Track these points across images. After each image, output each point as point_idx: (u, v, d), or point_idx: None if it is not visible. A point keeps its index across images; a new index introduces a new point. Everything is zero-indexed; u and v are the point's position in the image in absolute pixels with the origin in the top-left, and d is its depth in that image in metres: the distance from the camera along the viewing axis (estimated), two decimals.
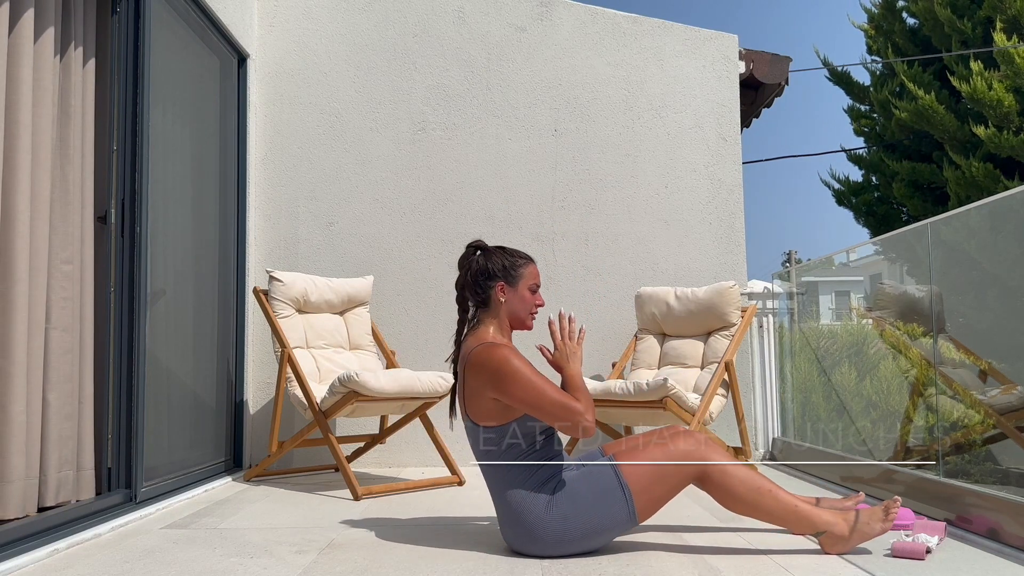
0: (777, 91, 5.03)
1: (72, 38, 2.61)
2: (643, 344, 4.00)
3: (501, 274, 2.32)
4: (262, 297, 3.67)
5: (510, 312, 2.32)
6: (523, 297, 2.33)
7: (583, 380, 2.26)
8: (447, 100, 4.35)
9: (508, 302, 2.31)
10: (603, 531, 2.17)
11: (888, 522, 2.19)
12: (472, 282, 2.33)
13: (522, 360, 2.19)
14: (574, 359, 2.28)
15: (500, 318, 2.32)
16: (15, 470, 2.27)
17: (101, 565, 2.14)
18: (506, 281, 2.32)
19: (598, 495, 2.16)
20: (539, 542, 2.16)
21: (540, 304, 2.37)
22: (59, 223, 2.53)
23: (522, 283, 2.33)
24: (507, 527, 2.22)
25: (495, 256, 2.34)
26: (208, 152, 3.68)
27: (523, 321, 2.35)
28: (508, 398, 2.17)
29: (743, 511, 2.21)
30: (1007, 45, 8.21)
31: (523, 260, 2.36)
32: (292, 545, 2.36)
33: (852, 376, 3.95)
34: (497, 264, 2.32)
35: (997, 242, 3.19)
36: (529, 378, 2.15)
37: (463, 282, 2.36)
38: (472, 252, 2.39)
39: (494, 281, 2.31)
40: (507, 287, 2.31)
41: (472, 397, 2.24)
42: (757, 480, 2.20)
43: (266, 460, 3.59)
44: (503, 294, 2.31)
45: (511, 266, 2.33)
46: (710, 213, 4.35)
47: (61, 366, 2.49)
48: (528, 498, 2.17)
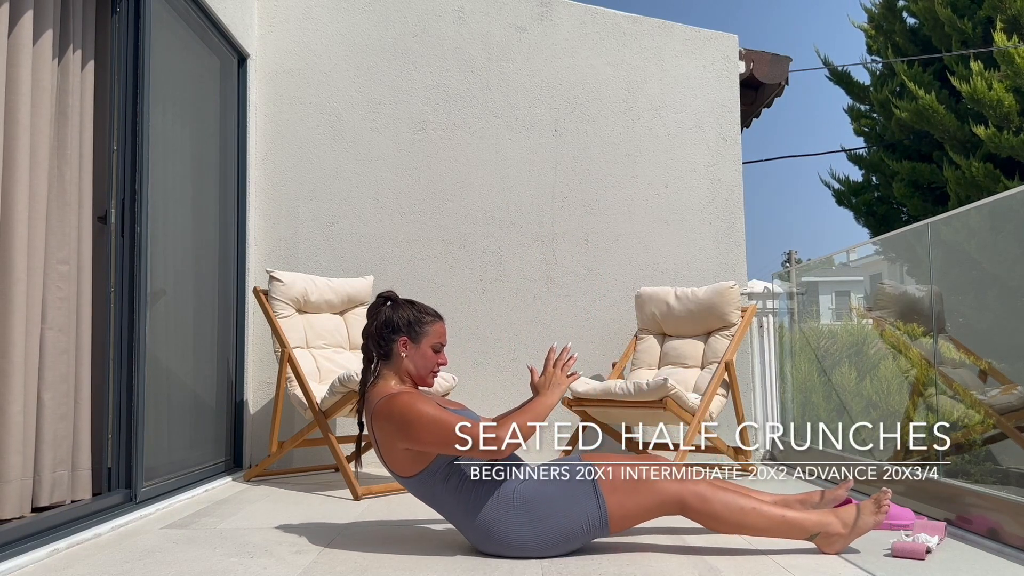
0: (777, 91, 5.03)
1: (71, 38, 2.61)
2: (643, 344, 4.00)
3: (405, 329, 2.30)
4: (262, 297, 3.67)
5: (410, 368, 2.30)
6: (424, 354, 2.31)
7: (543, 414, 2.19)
8: (447, 100, 4.35)
9: (409, 357, 2.30)
10: (576, 535, 2.15)
11: (881, 514, 2.17)
12: (376, 333, 2.31)
13: (424, 400, 2.16)
14: (555, 391, 2.23)
15: (400, 372, 2.30)
16: (13, 470, 2.27)
17: (101, 565, 2.14)
18: (409, 336, 2.30)
19: (572, 497, 2.14)
20: (514, 546, 2.15)
21: (443, 363, 2.35)
22: (56, 223, 2.53)
23: (425, 340, 2.31)
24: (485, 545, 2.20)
25: (402, 310, 2.33)
26: (208, 152, 3.68)
27: (423, 379, 2.33)
28: (416, 444, 2.14)
29: (731, 531, 2.21)
30: (1007, 45, 8.21)
31: (430, 317, 2.34)
32: (292, 545, 2.36)
33: (852, 376, 3.95)
34: (403, 319, 2.31)
35: (997, 242, 3.19)
36: (431, 416, 2.12)
37: (367, 332, 2.34)
38: (382, 303, 2.37)
39: (397, 335, 2.29)
40: (409, 343, 2.30)
41: (387, 452, 2.22)
42: (739, 500, 2.17)
43: (266, 460, 3.59)
44: (404, 349, 2.29)
45: (416, 322, 2.31)
46: (710, 213, 4.34)
47: (57, 366, 2.49)
48: (494, 510, 2.15)
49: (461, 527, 2.23)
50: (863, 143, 11.11)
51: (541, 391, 2.25)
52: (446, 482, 2.19)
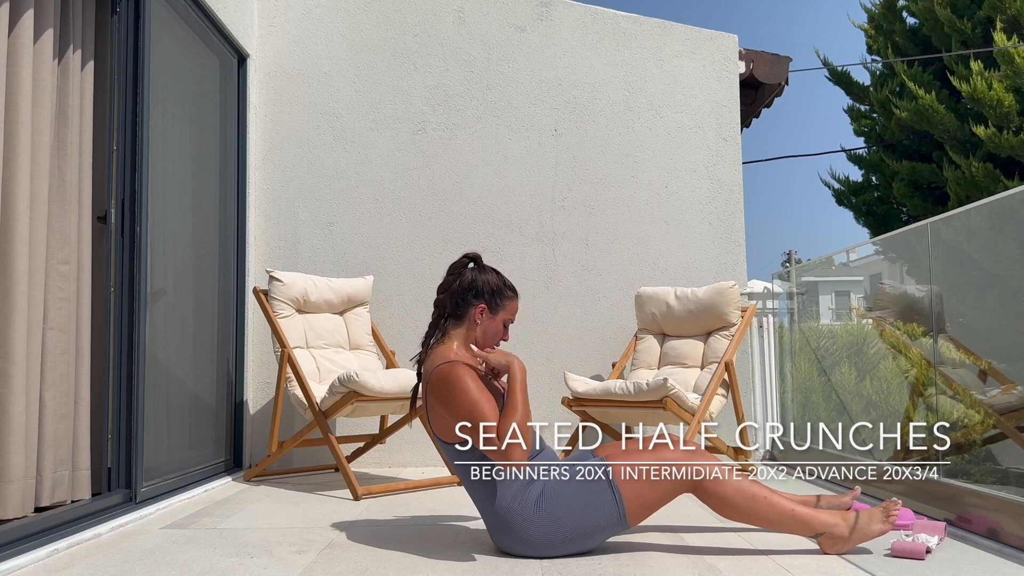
0: (777, 91, 5.03)
1: (71, 38, 2.61)
2: (643, 344, 4.00)
3: (487, 296, 2.29)
4: (262, 297, 3.67)
5: (478, 336, 2.30)
6: (496, 326, 2.32)
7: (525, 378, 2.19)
8: (447, 100, 4.35)
9: (482, 325, 2.30)
10: (593, 532, 2.15)
11: (888, 523, 2.18)
12: (457, 292, 2.30)
13: (475, 379, 2.17)
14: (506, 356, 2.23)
15: (467, 337, 2.30)
16: (15, 470, 2.28)
17: (101, 565, 2.14)
18: (488, 305, 2.30)
19: (588, 496, 2.14)
20: (529, 544, 2.15)
21: (505, 339, 2.36)
22: (56, 223, 2.53)
23: (502, 314, 2.32)
24: (497, 533, 2.21)
25: (487, 275, 2.32)
26: (208, 152, 3.68)
27: (484, 348, 2.32)
28: (450, 416, 2.15)
29: (740, 519, 2.20)
30: (1007, 45, 8.21)
31: (511, 292, 2.35)
32: (292, 545, 2.36)
33: (852, 376, 3.95)
34: (488, 285, 2.30)
35: (997, 242, 3.19)
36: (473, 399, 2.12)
37: (447, 287, 2.33)
38: (466, 263, 2.35)
39: (478, 300, 2.29)
40: (487, 311, 2.30)
41: (432, 414, 2.23)
42: (752, 488, 2.18)
43: (266, 460, 3.59)
44: (481, 316, 2.29)
45: (498, 293, 2.31)
46: (710, 213, 4.34)
47: (57, 366, 2.49)
48: (514, 502, 2.15)
49: (482, 510, 2.23)
50: (863, 143, 11.12)
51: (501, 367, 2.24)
52: (482, 458, 2.18)
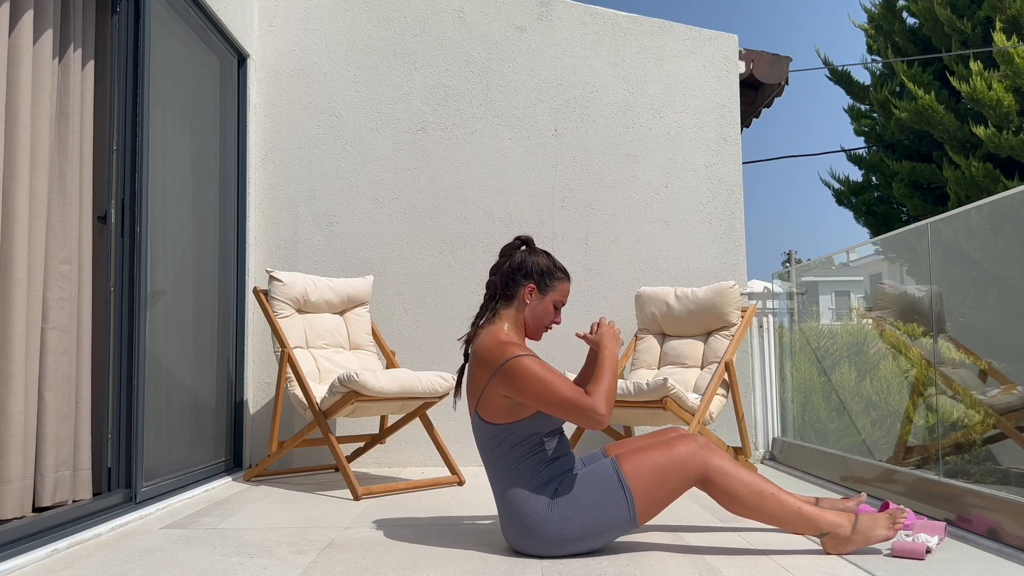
0: (777, 91, 5.03)
1: (71, 38, 2.61)
2: (643, 344, 4.00)
3: (536, 277, 2.32)
4: (262, 297, 3.67)
5: (528, 317, 2.32)
6: (546, 308, 2.33)
7: (616, 364, 2.24)
8: (447, 100, 4.35)
9: (531, 306, 2.32)
10: (604, 532, 2.16)
11: (893, 531, 2.19)
12: (507, 272, 2.32)
13: (533, 358, 2.18)
14: (613, 340, 2.28)
15: (517, 317, 2.32)
16: (14, 470, 2.28)
17: (101, 565, 2.14)
18: (538, 285, 2.32)
19: (599, 496, 2.15)
20: (539, 541, 2.15)
21: (557, 322, 2.37)
22: (57, 223, 2.53)
23: (551, 294, 2.33)
24: (508, 525, 2.22)
25: (538, 256, 2.34)
26: (208, 152, 3.68)
27: (535, 330, 2.35)
28: (520, 396, 2.16)
29: (746, 514, 2.20)
30: (1007, 45, 8.21)
31: (561, 274, 2.36)
32: (292, 545, 2.36)
33: (852, 376, 3.95)
34: (537, 266, 2.32)
35: (997, 242, 3.19)
36: (540, 375, 2.14)
37: (498, 269, 2.35)
38: (518, 245, 2.38)
39: (528, 280, 2.31)
40: (536, 291, 2.31)
41: (482, 394, 2.23)
42: (760, 483, 2.19)
43: (266, 460, 3.59)
44: (530, 296, 2.31)
45: (548, 273, 2.33)
46: (710, 213, 4.35)
47: (58, 366, 2.49)
48: (530, 498, 2.17)
49: (498, 497, 2.24)
50: (863, 143, 11.12)
51: (604, 342, 2.28)
52: (513, 447, 2.20)
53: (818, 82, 40.55)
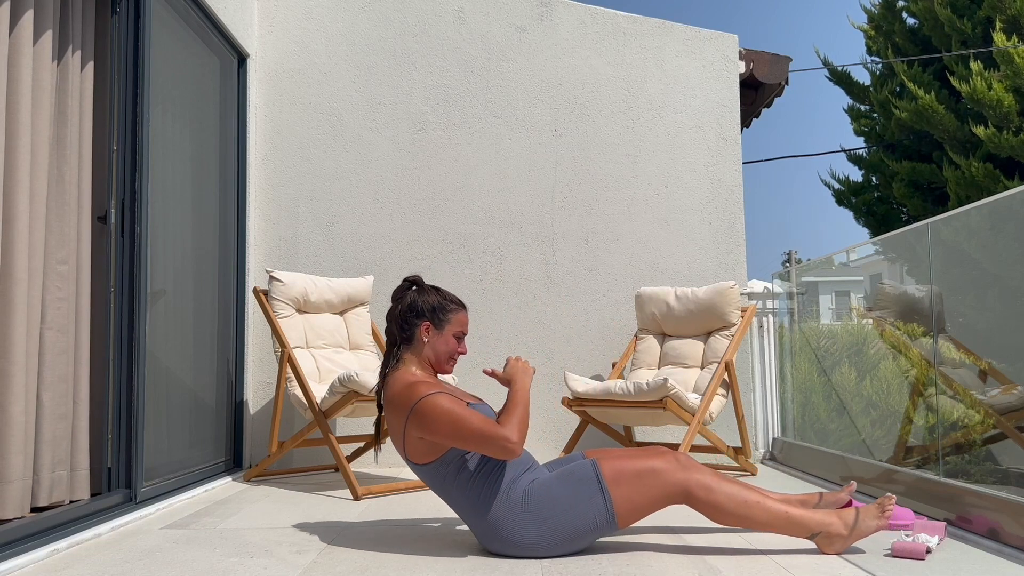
0: (777, 91, 5.03)
1: (71, 38, 2.61)
2: (643, 344, 4.00)
3: (429, 314, 2.34)
4: (262, 297, 3.67)
5: (430, 354, 2.34)
6: (446, 341, 2.36)
7: (527, 398, 2.24)
8: (447, 100, 4.35)
9: (431, 343, 2.34)
10: (583, 534, 2.16)
11: (884, 519, 2.18)
12: (400, 316, 2.35)
13: (442, 395, 2.18)
14: (524, 375, 2.30)
15: (421, 357, 2.34)
16: (15, 470, 2.28)
17: (101, 565, 2.14)
18: (432, 322, 2.34)
19: (577, 495, 2.15)
20: (520, 546, 2.15)
21: (462, 352, 2.39)
22: (55, 223, 2.53)
23: (448, 328, 2.36)
24: (489, 542, 2.21)
25: (427, 295, 2.37)
26: (208, 152, 3.68)
27: (442, 365, 2.37)
28: (432, 435, 2.16)
29: (736, 524, 2.20)
30: (1007, 45, 8.22)
31: (454, 305, 2.39)
32: (292, 545, 2.36)
33: (852, 376, 3.95)
34: (427, 304, 2.35)
35: (997, 242, 3.19)
36: (448, 411, 2.14)
37: (392, 315, 2.38)
38: (407, 287, 2.40)
39: (421, 320, 2.34)
40: (432, 328, 2.34)
41: (404, 439, 2.23)
42: (743, 493, 2.18)
43: (266, 460, 3.59)
44: (427, 334, 2.33)
45: (440, 308, 2.36)
46: (710, 213, 4.35)
47: (56, 366, 2.49)
48: (502, 509, 2.16)
49: (468, 521, 2.23)
50: (863, 143, 11.11)
51: (514, 376, 2.30)
52: (457, 475, 2.20)
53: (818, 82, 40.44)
